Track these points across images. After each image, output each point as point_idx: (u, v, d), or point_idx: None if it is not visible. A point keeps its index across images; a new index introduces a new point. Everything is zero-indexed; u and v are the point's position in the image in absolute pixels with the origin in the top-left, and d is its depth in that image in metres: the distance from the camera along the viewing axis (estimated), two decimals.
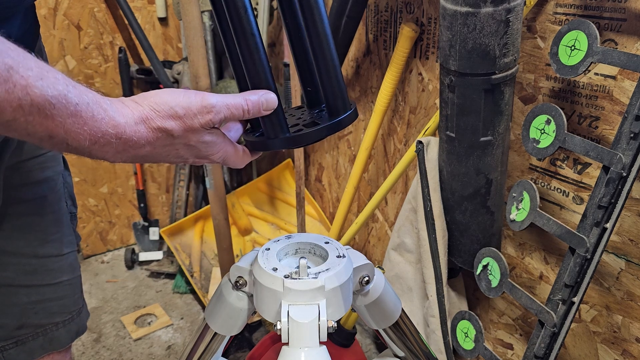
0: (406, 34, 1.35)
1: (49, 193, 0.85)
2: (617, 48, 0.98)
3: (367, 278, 0.72)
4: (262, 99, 0.63)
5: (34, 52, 0.73)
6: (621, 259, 1.08)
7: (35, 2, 0.68)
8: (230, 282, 0.71)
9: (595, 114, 1.05)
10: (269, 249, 0.71)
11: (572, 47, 0.96)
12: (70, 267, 0.90)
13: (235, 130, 0.68)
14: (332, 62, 0.65)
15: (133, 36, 2.12)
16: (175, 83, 2.08)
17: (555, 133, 1.00)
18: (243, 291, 0.71)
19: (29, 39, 0.70)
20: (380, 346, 1.80)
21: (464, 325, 1.20)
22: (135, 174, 2.29)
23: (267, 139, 0.67)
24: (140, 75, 2.13)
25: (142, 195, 2.31)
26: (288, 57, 1.76)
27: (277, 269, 0.66)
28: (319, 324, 0.62)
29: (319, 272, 0.65)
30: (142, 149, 0.57)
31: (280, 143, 0.66)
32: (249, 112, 0.62)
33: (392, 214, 1.72)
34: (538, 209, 1.04)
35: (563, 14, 1.06)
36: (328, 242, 0.72)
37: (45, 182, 0.84)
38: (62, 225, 0.88)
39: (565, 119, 0.98)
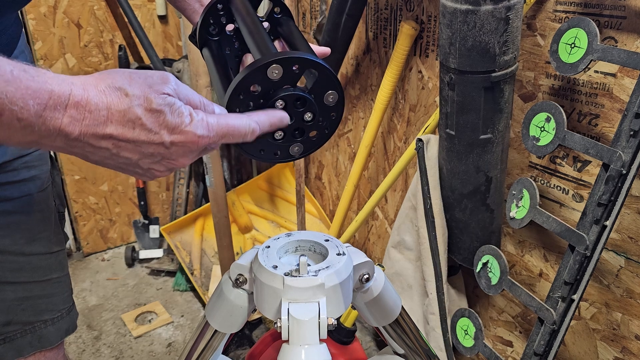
0: (406, 32, 1.35)
1: (36, 192, 0.84)
2: (617, 46, 0.98)
3: (367, 276, 0.72)
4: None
5: (15, 49, 0.73)
6: (621, 256, 1.08)
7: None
8: (231, 279, 0.71)
9: (595, 111, 1.06)
10: (269, 246, 0.71)
11: (572, 45, 0.96)
12: (60, 265, 0.89)
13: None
14: None
15: (133, 34, 2.12)
16: None
17: (555, 131, 1.00)
18: (243, 289, 0.71)
19: (7, 39, 0.70)
20: (380, 343, 1.80)
21: (463, 323, 1.20)
22: None
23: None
24: None
25: (142, 193, 2.31)
26: None
27: (277, 266, 0.66)
28: (319, 322, 0.62)
29: (319, 270, 0.65)
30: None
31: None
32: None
33: (392, 212, 1.72)
34: (538, 207, 1.04)
35: (563, 11, 1.06)
36: (328, 240, 0.72)
37: (31, 181, 0.83)
38: (50, 224, 0.87)
39: (565, 117, 0.98)
